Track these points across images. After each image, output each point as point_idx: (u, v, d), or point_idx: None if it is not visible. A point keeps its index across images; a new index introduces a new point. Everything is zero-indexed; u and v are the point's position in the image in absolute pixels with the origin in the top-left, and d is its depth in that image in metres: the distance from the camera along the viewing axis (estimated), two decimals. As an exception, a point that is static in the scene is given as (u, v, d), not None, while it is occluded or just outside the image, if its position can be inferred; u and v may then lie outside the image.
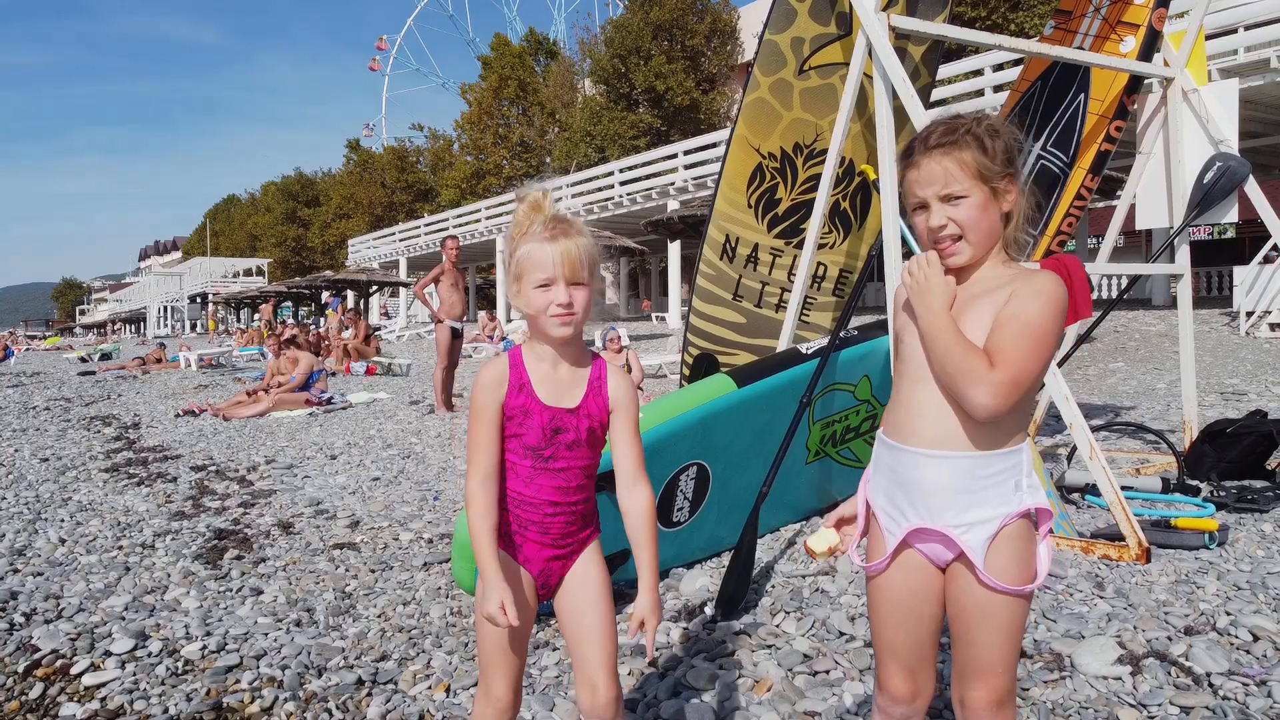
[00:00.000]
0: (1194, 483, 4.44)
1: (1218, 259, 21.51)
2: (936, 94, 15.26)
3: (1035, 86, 5.22)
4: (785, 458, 3.56)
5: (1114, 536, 3.56)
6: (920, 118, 4.02)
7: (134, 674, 2.90)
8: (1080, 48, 4.92)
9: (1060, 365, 4.42)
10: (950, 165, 1.56)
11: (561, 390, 1.78)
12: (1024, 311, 1.50)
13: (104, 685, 2.84)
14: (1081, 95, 5.04)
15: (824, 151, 4.53)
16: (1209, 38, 12.47)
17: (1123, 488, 3.82)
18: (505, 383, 1.76)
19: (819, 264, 4.85)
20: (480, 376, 1.79)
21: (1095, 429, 4.62)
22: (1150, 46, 4.86)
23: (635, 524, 1.78)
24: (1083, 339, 5.52)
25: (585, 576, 1.82)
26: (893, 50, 4.01)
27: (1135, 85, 4.98)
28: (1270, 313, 12.99)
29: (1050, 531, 1.60)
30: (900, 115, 4.16)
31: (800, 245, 4.72)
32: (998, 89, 16.78)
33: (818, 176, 4.53)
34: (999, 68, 17.21)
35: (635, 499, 1.79)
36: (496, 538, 1.75)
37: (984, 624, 1.56)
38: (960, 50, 22.02)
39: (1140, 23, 4.79)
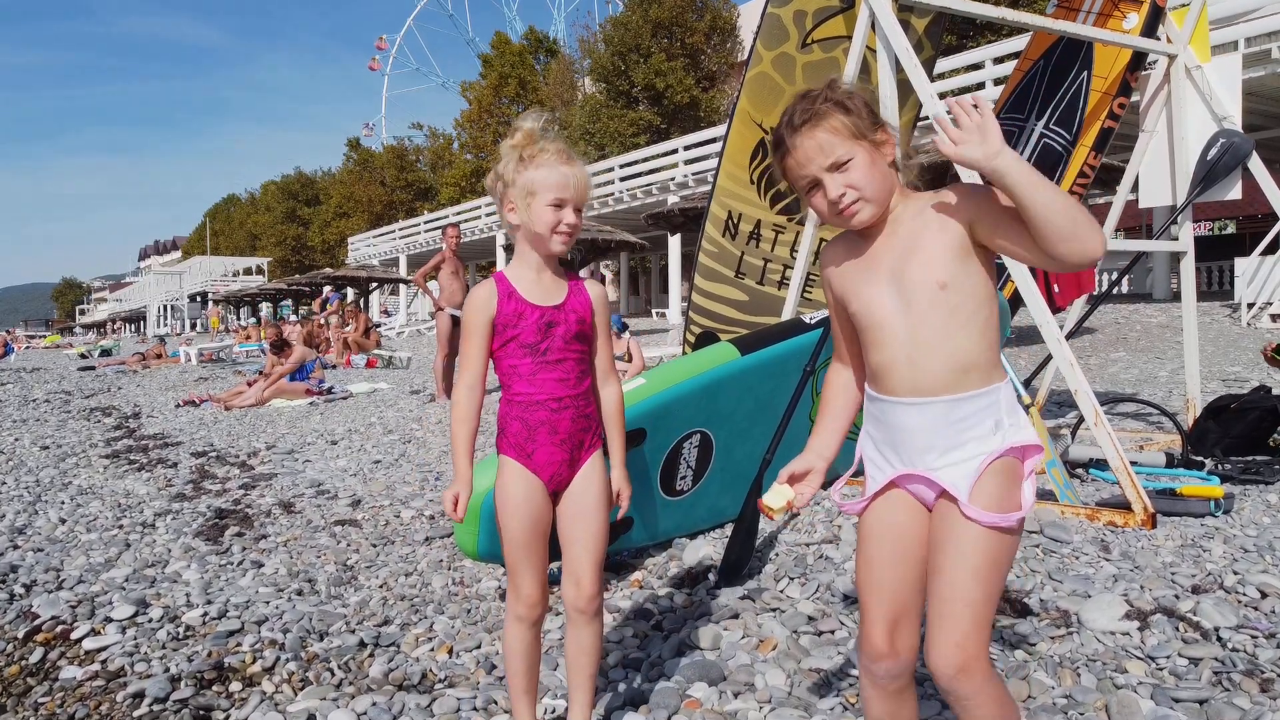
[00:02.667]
0: (1198, 458, 4.43)
1: (1219, 254, 21.48)
2: (936, 88, 15.23)
3: (1038, 65, 5.20)
4: (788, 428, 3.54)
5: (1120, 506, 3.54)
6: (925, 90, 4.00)
7: (134, 638, 2.88)
8: (1083, 24, 4.91)
9: (1069, 338, 4.41)
10: (824, 136, 1.54)
11: (546, 292, 1.96)
12: (993, 198, 1.49)
13: (104, 649, 2.82)
14: (1084, 73, 5.02)
15: (826, 126, 4.51)
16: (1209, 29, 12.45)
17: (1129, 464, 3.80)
18: (495, 296, 1.94)
19: (821, 240, 4.83)
20: (471, 295, 1.97)
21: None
22: (1153, 23, 4.85)
23: (606, 413, 2.04)
24: (1084, 318, 5.50)
25: (586, 484, 1.99)
26: (897, 22, 4.00)
27: (1138, 62, 4.97)
28: (1271, 304, 12.96)
29: (1036, 471, 1.57)
30: (904, 88, 4.14)
31: (802, 221, 4.70)
32: (998, 82, 16.75)
33: (820, 151, 4.51)
34: (999, 61, 17.19)
35: (606, 393, 2.05)
36: (473, 441, 1.97)
37: (951, 551, 1.51)
38: (960, 44, 22.01)
39: (1143, -1, 4.78)
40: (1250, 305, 13.24)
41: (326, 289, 27.37)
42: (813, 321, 3.83)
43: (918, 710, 1.67)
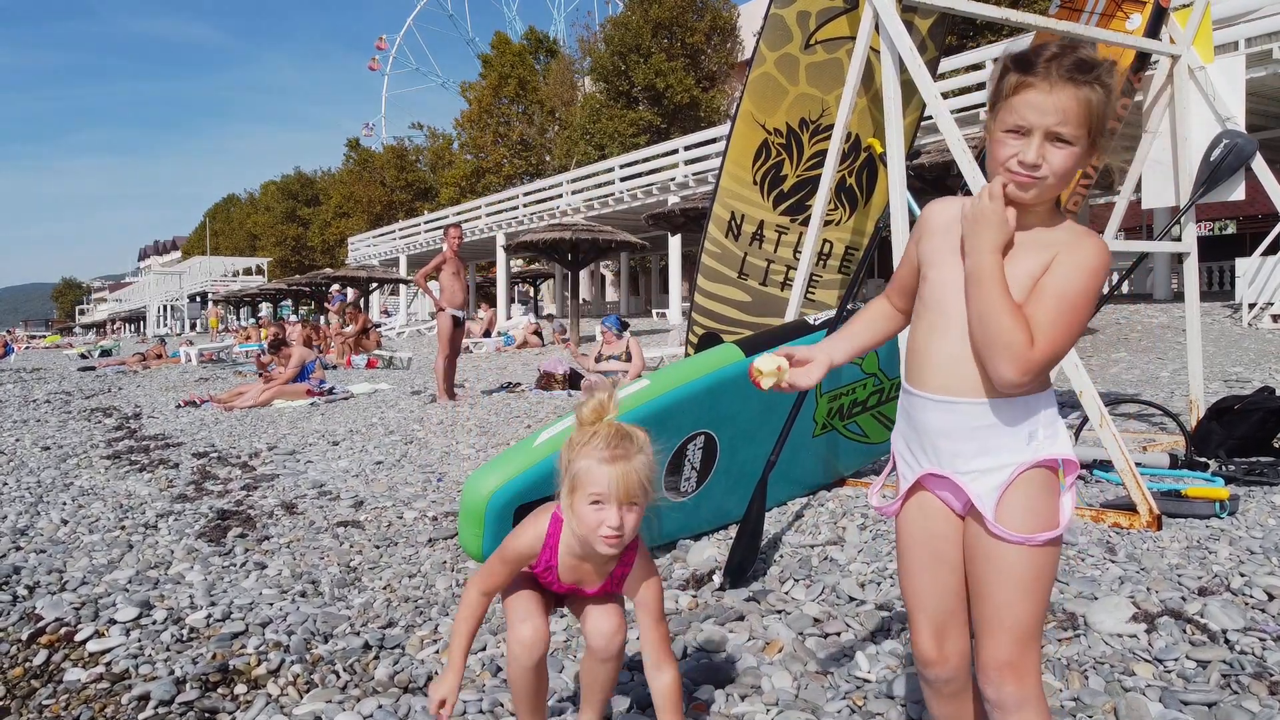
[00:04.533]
0: (1202, 459, 4.42)
1: (1219, 254, 21.48)
2: (939, 88, 15.21)
3: (1041, 65, 5.19)
4: (792, 431, 3.54)
5: (1125, 507, 3.54)
6: (928, 90, 4.00)
7: (138, 640, 2.87)
8: (1086, 25, 4.90)
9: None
10: (1072, 104, 1.39)
11: (584, 576, 1.90)
12: (1070, 286, 1.42)
13: (108, 651, 2.81)
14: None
15: (830, 126, 4.51)
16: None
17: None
18: (534, 557, 1.89)
19: (824, 241, 4.83)
20: (518, 538, 1.91)
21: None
22: (1156, 23, 4.85)
23: (658, 702, 1.87)
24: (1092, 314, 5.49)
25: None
26: (900, 23, 4.00)
27: (1142, 62, 4.97)
28: (1272, 304, 12.96)
29: (1074, 486, 1.52)
30: (908, 89, 4.14)
31: (805, 222, 4.69)
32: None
33: (823, 152, 4.51)
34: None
35: (660, 680, 1.86)
36: (471, 639, 1.89)
37: (993, 576, 1.47)
38: (961, 44, 22.00)
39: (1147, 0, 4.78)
40: (1251, 306, 13.24)
41: (334, 287, 27.35)
42: (817, 323, 3.82)
43: (979, 711, 1.62)
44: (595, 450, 1.72)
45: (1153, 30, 4.81)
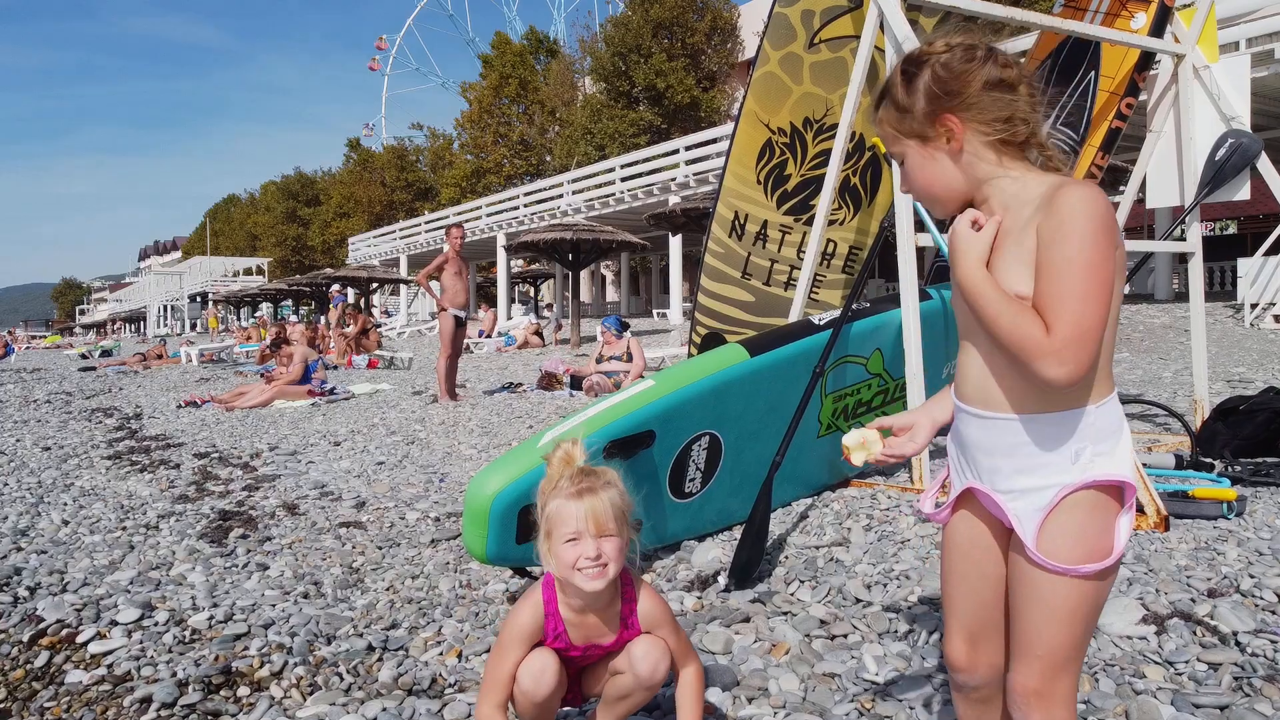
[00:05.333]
0: (1208, 460, 4.40)
1: (1221, 254, 21.46)
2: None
3: (1045, 65, 5.18)
4: (797, 431, 3.52)
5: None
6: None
7: (140, 642, 2.86)
8: (1091, 24, 4.89)
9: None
10: (884, 129, 1.47)
11: (593, 631, 1.87)
12: (1060, 250, 1.26)
13: (110, 653, 2.79)
14: (1092, 73, 5.01)
15: (834, 126, 4.49)
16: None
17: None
18: (540, 630, 1.85)
19: (828, 241, 4.81)
20: (516, 618, 1.85)
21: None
22: (1161, 23, 4.84)
23: (680, 692, 1.88)
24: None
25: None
26: (905, 22, 3.98)
27: (1146, 62, 4.95)
28: (1274, 304, 12.95)
29: (1131, 508, 1.39)
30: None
31: (809, 222, 4.67)
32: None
33: (827, 152, 4.49)
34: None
35: (686, 672, 1.88)
36: None
37: (1027, 601, 1.39)
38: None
39: (1151, -1, 4.76)
40: (1253, 306, 13.22)
41: (334, 288, 27.34)
42: (821, 323, 3.81)
43: (1006, 716, 1.57)
44: (562, 490, 1.76)
45: (1157, 29, 4.79)
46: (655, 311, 28.12)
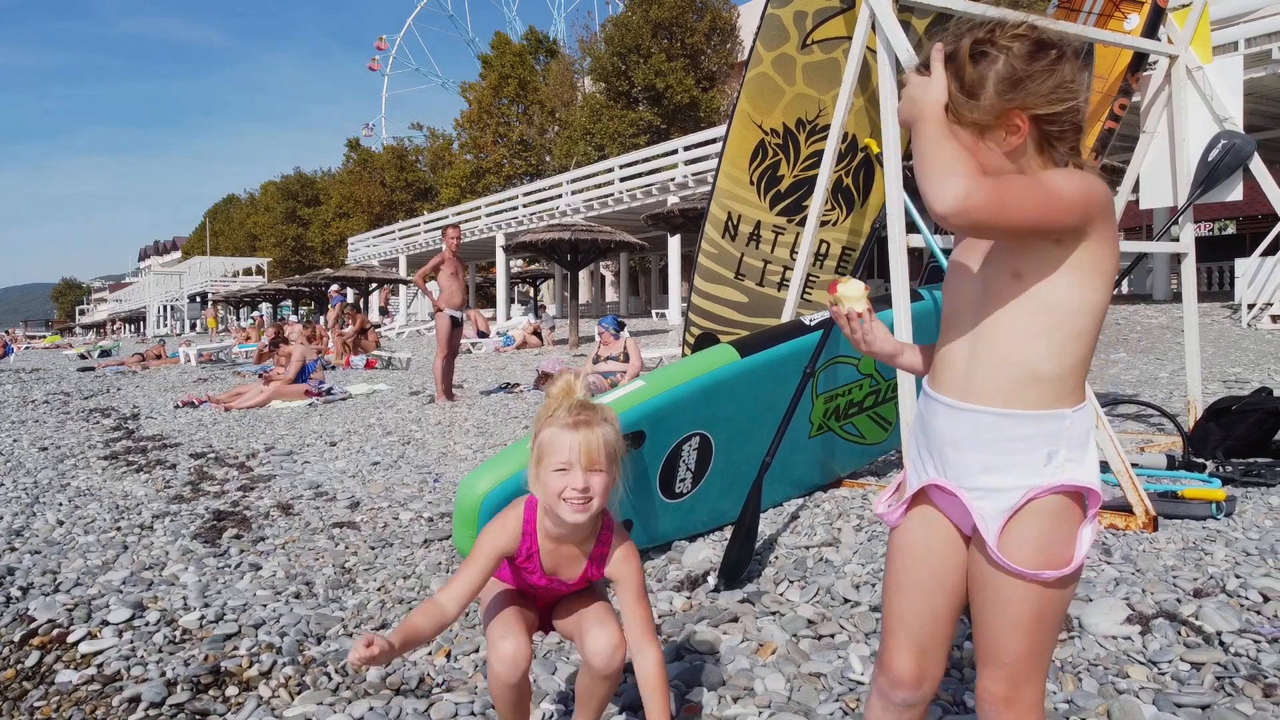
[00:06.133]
0: (1199, 460, 4.41)
1: (1219, 254, 21.46)
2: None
3: (1038, 66, 5.19)
4: (788, 431, 3.53)
5: (1121, 508, 3.53)
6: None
7: (131, 642, 2.87)
8: (1084, 25, 4.90)
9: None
10: (927, 107, 1.35)
11: (562, 563, 1.88)
12: (1039, 174, 1.31)
13: (100, 653, 2.81)
14: (1085, 74, 5.02)
15: (827, 127, 4.50)
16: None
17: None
18: (516, 543, 1.86)
19: (821, 242, 4.82)
20: (494, 528, 1.87)
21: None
22: (1154, 23, 4.84)
23: (643, 684, 1.83)
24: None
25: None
26: (897, 23, 3.98)
27: (1139, 63, 4.96)
28: (1272, 305, 12.95)
29: (1095, 518, 1.38)
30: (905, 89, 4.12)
31: (802, 223, 4.68)
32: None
33: (820, 153, 4.50)
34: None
35: (643, 661, 1.83)
36: (416, 634, 1.75)
37: (992, 608, 1.37)
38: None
39: (1144, 0, 4.77)
40: (1251, 306, 13.22)
41: (333, 288, 27.35)
42: (813, 323, 3.82)
43: None
44: (559, 419, 1.77)
45: (1150, 30, 4.80)
46: (654, 312, 28.12)
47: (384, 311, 36.50)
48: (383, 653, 1.63)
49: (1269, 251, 13.72)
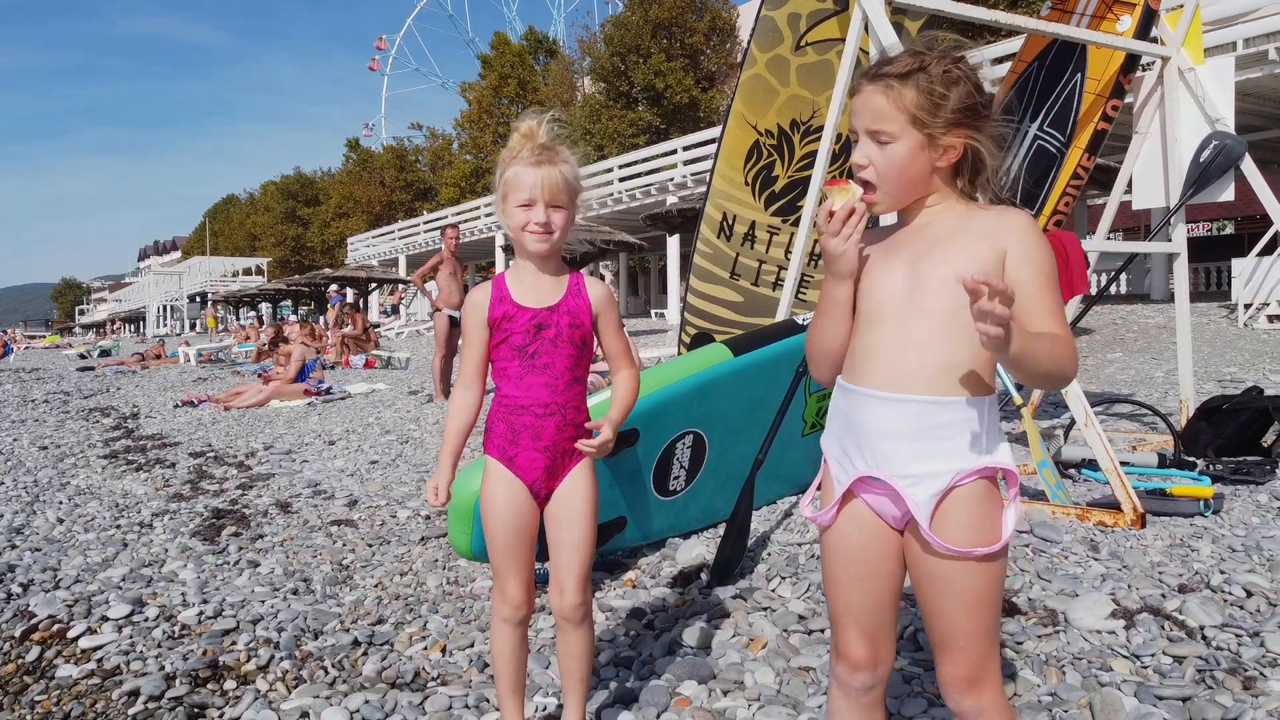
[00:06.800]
0: (1190, 458, 4.44)
1: (1217, 254, 21.50)
2: (935, 88, 15.14)
3: (1032, 67, 5.22)
4: (781, 429, 3.56)
5: (1110, 507, 3.56)
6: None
7: (130, 637, 2.91)
8: (1077, 27, 4.93)
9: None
10: (884, 103, 1.42)
11: (541, 294, 1.95)
12: (1036, 265, 1.40)
13: (100, 648, 2.84)
14: (1078, 75, 5.05)
15: (821, 128, 4.53)
16: (1206, 29, 12.41)
17: (1120, 464, 3.82)
18: (488, 298, 1.95)
19: (815, 242, 4.85)
20: (469, 298, 1.99)
21: (1091, 405, 4.62)
22: (1147, 25, 4.87)
23: (617, 391, 2.02)
24: (1078, 318, 5.52)
25: (572, 490, 1.98)
26: (890, 25, 4.02)
27: (1132, 64, 4.99)
28: (1268, 304, 12.99)
29: (1019, 496, 1.47)
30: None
31: (797, 223, 4.72)
32: (992, 84, 16.74)
33: (814, 153, 4.53)
34: (997, 61, 17.21)
35: (618, 379, 2.03)
36: (461, 438, 1.99)
37: (939, 591, 1.44)
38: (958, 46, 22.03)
39: (1137, 2, 4.80)
40: (1247, 306, 13.26)
41: (332, 288, 27.39)
42: (805, 322, 3.85)
43: (887, 716, 1.62)
44: (522, 159, 1.89)
45: (1143, 32, 4.83)
46: (653, 311, 28.16)
47: (395, 310, 36.40)
48: (448, 484, 1.95)
49: (1265, 252, 13.76)
